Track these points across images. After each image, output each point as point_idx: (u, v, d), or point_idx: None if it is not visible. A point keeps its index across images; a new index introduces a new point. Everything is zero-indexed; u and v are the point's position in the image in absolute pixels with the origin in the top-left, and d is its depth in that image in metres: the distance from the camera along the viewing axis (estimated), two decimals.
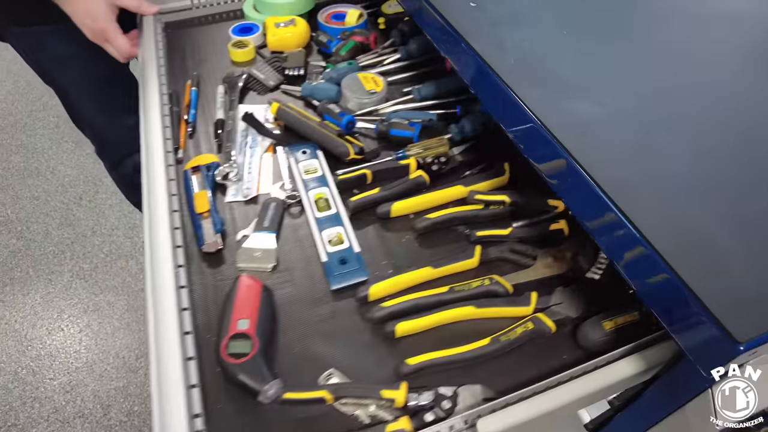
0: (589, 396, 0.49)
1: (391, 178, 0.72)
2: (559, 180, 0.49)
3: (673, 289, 0.39)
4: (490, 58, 0.56)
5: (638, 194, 0.44)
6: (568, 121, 0.50)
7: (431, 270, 0.61)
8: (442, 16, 0.63)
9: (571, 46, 0.60)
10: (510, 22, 0.62)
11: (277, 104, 0.79)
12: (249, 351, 0.54)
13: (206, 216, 0.68)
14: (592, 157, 0.46)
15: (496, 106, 0.56)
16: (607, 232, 0.44)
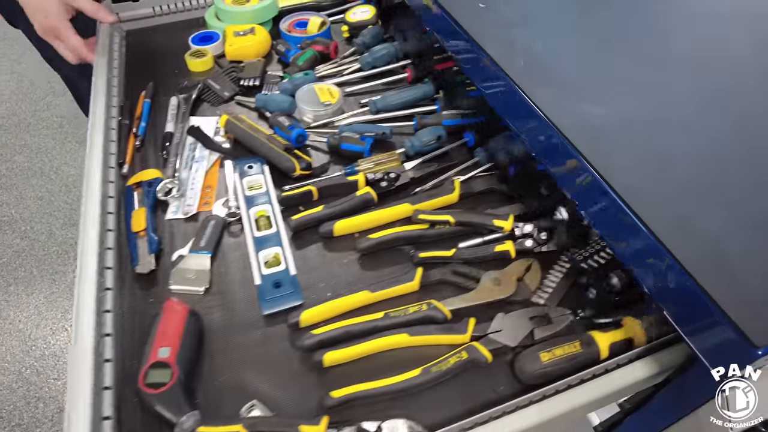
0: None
1: (339, 194, 0.69)
2: (570, 183, 0.50)
3: (689, 292, 0.39)
4: (500, 59, 0.57)
5: (652, 198, 0.44)
6: (581, 124, 0.50)
7: (368, 294, 0.58)
8: (451, 17, 0.64)
9: (582, 47, 0.61)
10: (520, 23, 0.63)
11: (227, 116, 0.77)
12: (168, 380, 0.52)
13: (142, 235, 0.66)
14: (605, 160, 0.47)
15: (506, 108, 0.58)
16: (620, 236, 0.45)
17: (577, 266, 0.60)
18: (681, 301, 0.41)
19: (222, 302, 0.61)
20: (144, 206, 0.68)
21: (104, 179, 0.68)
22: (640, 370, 0.49)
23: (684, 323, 0.41)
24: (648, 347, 0.51)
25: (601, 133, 0.50)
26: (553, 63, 0.58)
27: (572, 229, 0.60)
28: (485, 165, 0.72)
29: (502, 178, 0.71)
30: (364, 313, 0.58)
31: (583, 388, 0.49)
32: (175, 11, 1.03)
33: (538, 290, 0.60)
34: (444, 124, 0.77)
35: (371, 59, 0.88)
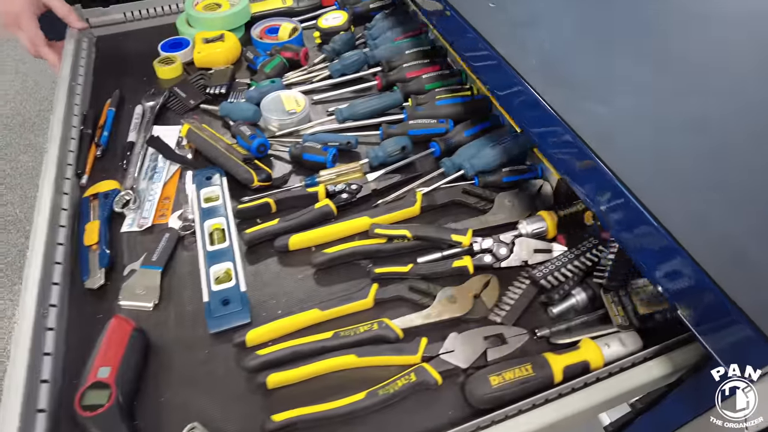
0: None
1: (298, 207, 0.68)
2: (585, 183, 0.50)
3: (705, 290, 0.39)
4: (512, 59, 0.57)
5: (668, 196, 0.44)
6: (593, 123, 0.50)
7: (318, 312, 0.57)
8: (462, 17, 0.64)
9: (591, 47, 0.61)
10: (530, 23, 0.64)
11: (188, 125, 0.75)
12: (105, 402, 0.50)
13: (95, 248, 0.64)
14: (619, 159, 0.47)
15: (518, 108, 0.58)
16: (634, 235, 0.45)
17: (537, 283, 0.58)
18: (696, 300, 0.41)
19: (170, 319, 0.59)
20: (98, 218, 0.66)
21: (57, 191, 0.66)
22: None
23: (699, 322, 0.41)
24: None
25: (613, 131, 0.50)
26: (564, 62, 0.58)
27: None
28: (451, 176, 0.70)
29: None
30: (315, 332, 0.56)
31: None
32: (146, 17, 1.01)
33: (496, 308, 0.58)
34: (410, 133, 0.75)
35: (340, 66, 0.86)
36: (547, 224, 0.63)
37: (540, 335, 0.55)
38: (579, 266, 0.58)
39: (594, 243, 0.59)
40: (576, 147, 0.49)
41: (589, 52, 0.60)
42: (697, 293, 0.40)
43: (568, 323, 0.56)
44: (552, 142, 0.53)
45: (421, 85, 0.82)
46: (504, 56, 0.57)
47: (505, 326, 0.56)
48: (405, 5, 1.01)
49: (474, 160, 0.69)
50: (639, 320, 0.54)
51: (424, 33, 0.94)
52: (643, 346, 0.53)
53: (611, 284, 0.55)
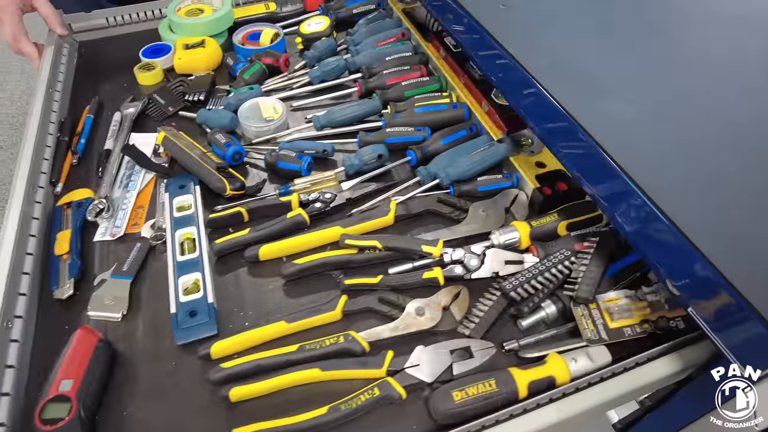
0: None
1: (271, 216, 0.67)
2: (597, 183, 0.53)
3: (717, 287, 0.40)
4: (523, 59, 0.60)
5: (679, 195, 0.46)
6: (606, 123, 0.53)
7: (284, 325, 0.56)
8: (472, 18, 0.68)
9: (604, 46, 0.64)
10: (541, 23, 0.67)
11: (164, 133, 0.75)
12: (65, 416, 0.49)
13: (66, 258, 0.64)
14: (631, 158, 0.49)
15: (529, 108, 0.61)
16: (647, 233, 0.47)
17: (507, 295, 0.57)
18: (708, 297, 0.42)
19: (138, 330, 0.58)
20: (69, 228, 0.66)
21: (28, 200, 0.66)
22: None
23: (711, 319, 0.42)
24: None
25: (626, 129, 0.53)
26: (577, 62, 0.61)
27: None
28: (427, 185, 0.70)
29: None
30: (282, 344, 0.56)
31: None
32: (129, 22, 1.01)
33: (465, 320, 0.57)
34: (387, 141, 0.75)
35: (320, 72, 0.85)
36: (519, 235, 0.62)
37: (508, 349, 0.55)
38: (550, 278, 0.57)
39: (566, 255, 0.59)
40: (586, 144, 0.51)
41: (604, 51, 0.63)
42: (709, 291, 0.42)
43: (538, 336, 0.55)
44: (566, 143, 0.56)
45: (401, 92, 0.82)
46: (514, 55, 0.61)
47: (473, 339, 0.55)
48: (387, 10, 1.00)
49: (449, 169, 0.69)
50: (609, 334, 0.53)
51: (407, 38, 0.93)
52: (611, 361, 0.52)
53: (582, 297, 0.55)
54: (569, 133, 0.54)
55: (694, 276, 0.43)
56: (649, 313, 0.54)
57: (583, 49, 0.64)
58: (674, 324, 0.53)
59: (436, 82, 0.83)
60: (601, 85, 0.58)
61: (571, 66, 0.61)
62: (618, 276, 0.59)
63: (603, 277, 0.56)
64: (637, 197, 0.47)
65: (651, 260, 0.48)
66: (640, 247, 0.49)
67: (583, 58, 0.62)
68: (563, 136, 0.56)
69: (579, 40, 0.65)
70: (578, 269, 0.57)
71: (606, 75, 0.59)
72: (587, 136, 0.52)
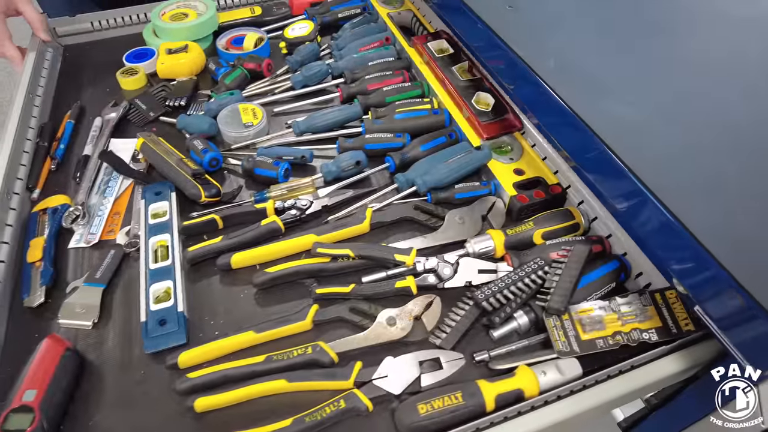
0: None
1: (247, 223, 0.66)
2: (605, 181, 0.55)
3: (725, 286, 0.41)
4: (530, 60, 0.63)
5: (687, 196, 0.48)
6: (613, 123, 0.55)
7: (253, 335, 0.56)
8: (480, 19, 0.70)
9: (609, 47, 0.66)
10: (547, 24, 0.69)
11: (143, 139, 0.75)
12: (27, 426, 0.49)
13: (38, 265, 0.63)
14: (640, 159, 0.51)
15: (539, 110, 0.64)
16: (656, 233, 0.49)
17: (479, 305, 0.56)
18: (716, 296, 0.43)
19: (108, 338, 0.58)
20: (43, 234, 0.66)
21: (2, 206, 0.66)
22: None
23: (719, 318, 0.44)
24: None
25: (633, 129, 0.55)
26: (582, 62, 0.63)
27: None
28: (404, 192, 0.69)
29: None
30: (251, 354, 0.55)
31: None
32: (114, 26, 1.01)
33: (437, 330, 0.56)
34: (366, 147, 0.74)
35: (302, 78, 0.85)
36: (494, 243, 0.61)
37: (478, 360, 0.54)
38: (523, 288, 0.57)
39: (540, 264, 0.58)
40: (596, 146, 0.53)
41: (609, 52, 0.65)
42: (716, 288, 0.43)
43: (509, 347, 0.55)
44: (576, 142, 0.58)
45: (382, 97, 0.81)
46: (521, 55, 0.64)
47: (443, 350, 0.54)
48: (373, 14, 1.00)
49: (426, 176, 0.68)
50: (581, 346, 0.53)
51: (390, 43, 0.93)
52: (582, 374, 0.51)
53: (554, 308, 0.54)
54: (580, 135, 0.56)
55: (703, 276, 0.44)
56: (621, 325, 0.53)
57: (589, 50, 0.66)
58: (647, 336, 0.52)
59: (417, 87, 0.83)
60: (606, 86, 0.60)
61: (576, 66, 0.63)
62: (593, 286, 0.58)
63: (576, 288, 0.56)
64: (646, 198, 0.48)
65: (659, 260, 0.51)
66: (650, 247, 0.51)
67: (589, 58, 0.64)
68: (572, 135, 0.58)
69: (584, 40, 0.67)
70: (552, 279, 0.56)
71: (612, 75, 0.61)
72: (597, 137, 0.54)
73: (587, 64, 0.62)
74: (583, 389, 0.50)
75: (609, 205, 0.59)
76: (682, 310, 0.53)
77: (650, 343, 0.52)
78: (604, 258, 0.60)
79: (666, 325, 0.53)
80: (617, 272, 0.59)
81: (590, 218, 0.64)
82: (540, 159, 0.72)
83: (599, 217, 0.63)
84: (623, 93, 0.59)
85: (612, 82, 0.60)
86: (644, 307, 0.55)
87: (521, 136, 0.76)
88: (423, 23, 0.98)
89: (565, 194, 0.67)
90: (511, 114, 0.76)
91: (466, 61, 0.86)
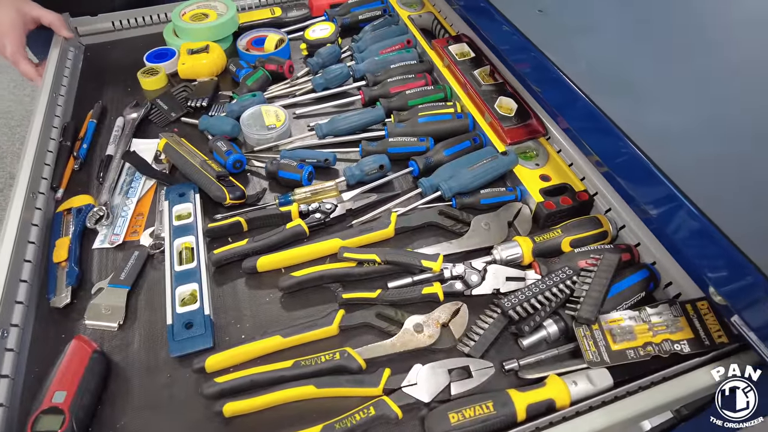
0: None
1: (271, 226, 0.66)
2: (638, 188, 0.55)
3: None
4: (562, 64, 0.63)
5: (728, 204, 0.48)
6: (649, 128, 0.55)
7: (280, 339, 0.55)
8: (509, 23, 0.70)
9: (645, 51, 0.65)
10: (579, 28, 0.69)
11: (165, 140, 0.75)
12: (57, 428, 0.49)
13: (64, 266, 0.63)
14: (675, 165, 0.51)
15: (570, 115, 0.64)
16: (695, 242, 0.49)
17: (506, 313, 0.56)
18: (756, 304, 0.43)
19: (134, 340, 0.58)
20: (68, 235, 0.66)
21: (28, 206, 0.66)
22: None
23: (759, 327, 0.44)
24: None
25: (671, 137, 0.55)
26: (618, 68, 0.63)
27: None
28: (428, 196, 0.69)
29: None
30: (278, 358, 0.55)
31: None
32: (135, 26, 1.01)
33: (465, 338, 0.56)
34: (389, 151, 0.74)
35: (323, 80, 0.85)
36: (522, 250, 0.61)
37: (508, 368, 0.53)
38: (552, 297, 0.56)
39: (569, 273, 0.57)
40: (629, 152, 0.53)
41: (642, 57, 0.65)
42: (758, 298, 0.43)
43: (539, 356, 0.54)
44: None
45: (405, 100, 0.81)
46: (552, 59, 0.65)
47: (472, 358, 0.54)
48: (393, 17, 0.99)
49: (452, 181, 0.68)
50: (611, 357, 0.52)
51: (412, 46, 0.92)
52: (613, 384, 0.51)
53: (583, 317, 0.54)
54: (614, 141, 0.56)
55: (742, 284, 0.44)
56: (652, 336, 0.53)
57: (624, 54, 0.65)
58: (679, 347, 0.52)
59: (440, 91, 0.82)
60: (642, 91, 0.60)
61: (610, 71, 0.63)
62: (622, 295, 0.57)
63: (606, 297, 0.55)
64: (682, 205, 0.48)
65: (694, 269, 0.51)
66: (684, 255, 0.51)
67: (624, 63, 0.64)
68: (604, 140, 0.58)
69: (618, 44, 0.67)
70: (581, 288, 0.56)
71: (648, 80, 0.61)
72: (631, 143, 0.53)
73: (622, 68, 0.62)
74: (614, 400, 0.49)
75: (640, 213, 0.58)
76: (714, 321, 0.53)
77: (682, 354, 0.52)
78: (632, 267, 0.60)
79: (698, 337, 0.52)
80: (647, 281, 0.58)
81: (618, 226, 0.64)
82: (566, 165, 0.71)
83: (627, 225, 0.62)
84: (660, 98, 0.58)
85: (648, 87, 0.60)
86: (675, 318, 0.54)
87: (546, 141, 0.75)
88: (444, 26, 0.98)
89: (593, 201, 0.67)
90: (535, 119, 0.76)
91: (487, 65, 0.85)
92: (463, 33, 0.93)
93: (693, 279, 0.54)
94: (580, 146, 0.67)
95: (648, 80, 0.61)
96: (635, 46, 0.66)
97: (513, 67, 0.77)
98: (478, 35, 0.86)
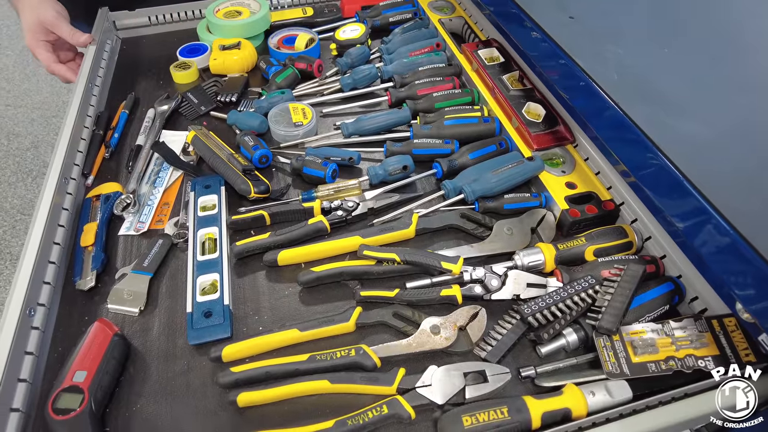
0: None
1: (293, 221, 0.67)
2: (666, 200, 0.53)
3: None
4: (593, 72, 0.62)
5: (757, 218, 0.47)
6: (681, 139, 0.54)
7: (297, 333, 0.56)
8: (540, 28, 0.70)
9: (674, 62, 0.64)
10: (610, 35, 0.68)
11: (194, 132, 0.76)
12: (77, 407, 0.50)
13: (90, 250, 0.65)
14: (707, 178, 0.50)
15: (599, 123, 0.63)
16: (720, 257, 0.48)
17: (525, 320, 0.55)
18: None
19: (154, 326, 0.59)
20: (96, 220, 0.67)
21: (59, 191, 0.67)
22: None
23: None
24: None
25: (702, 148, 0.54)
26: (645, 75, 0.62)
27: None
28: (451, 199, 0.68)
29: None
30: (294, 351, 0.55)
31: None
32: (170, 21, 1.03)
33: (481, 342, 0.55)
34: (414, 152, 0.74)
35: (351, 80, 0.85)
36: (544, 257, 0.60)
37: (525, 375, 0.53)
38: (573, 305, 0.55)
39: (591, 282, 0.56)
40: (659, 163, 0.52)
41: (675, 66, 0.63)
42: None
43: (557, 365, 0.53)
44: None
45: (431, 103, 0.81)
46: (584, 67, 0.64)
47: (488, 363, 0.53)
48: (424, 20, 1.00)
49: (475, 185, 0.67)
50: (631, 369, 0.51)
51: (441, 49, 0.92)
52: (632, 398, 0.50)
53: (604, 327, 0.52)
54: (642, 150, 0.55)
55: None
56: (675, 350, 0.51)
57: (655, 63, 0.64)
58: (703, 364, 0.50)
59: (468, 94, 0.82)
60: (674, 101, 0.59)
61: (641, 80, 0.62)
62: (645, 307, 0.56)
63: (628, 308, 0.54)
64: (712, 218, 0.47)
65: (721, 285, 0.49)
66: (712, 270, 0.49)
67: (655, 72, 0.62)
68: (633, 150, 0.57)
69: (650, 53, 0.66)
70: (603, 298, 0.55)
71: (680, 90, 0.60)
72: (661, 153, 0.52)
73: (653, 78, 0.61)
74: (632, 413, 0.48)
75: (666, 225, 0.57)
76: (742, 339, 0.51)
77: (706, 371, 0.50)
78: (657, 279, 0.58)
79: (724, 354, 0.51)
80: (671, 295, 0.57)
81: (644, 237, 0.62)
82: (593, 173, 0.70)
83: (653, 236, 0.61)
84: (692, 107, 0.57)
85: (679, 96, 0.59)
86: (700, 333, 0.53)
87: (573, 149, 0.74)
88: (474, 31, 0.98)
89: (618, 211, 0.65)
90: (563, 126, 0.75)
91: (516, 71, 0.85)
92: (492, 38, 0.93)
93: (720, 295, 0.52)
94: (608, 155, 0.66)
95: (679, 88, 0.60)
96: (666, 54, 0.65)
97: (542, 73, 0.76)
98: (508, 40, 0.86)
